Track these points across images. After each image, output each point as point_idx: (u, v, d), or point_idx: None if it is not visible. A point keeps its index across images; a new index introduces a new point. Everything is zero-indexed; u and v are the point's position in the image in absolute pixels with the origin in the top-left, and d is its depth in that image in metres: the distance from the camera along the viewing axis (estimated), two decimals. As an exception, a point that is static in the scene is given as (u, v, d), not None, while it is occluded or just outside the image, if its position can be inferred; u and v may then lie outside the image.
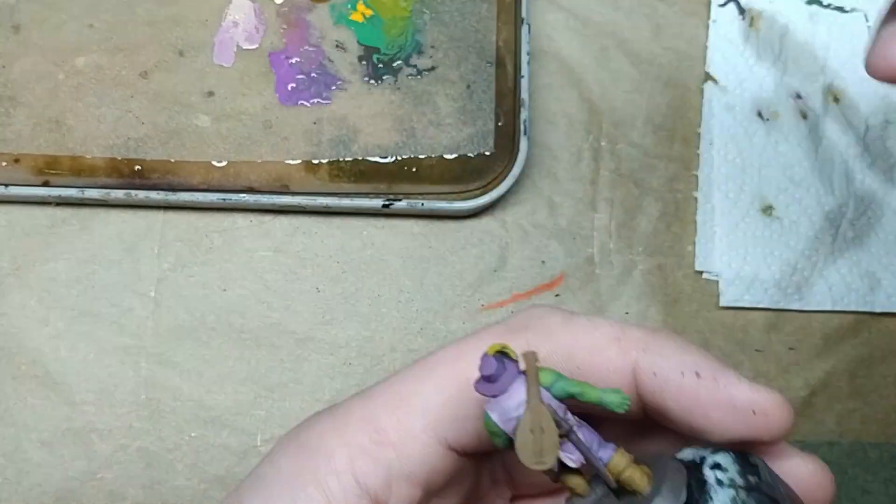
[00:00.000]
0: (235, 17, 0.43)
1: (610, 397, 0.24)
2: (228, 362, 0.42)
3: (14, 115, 0.42)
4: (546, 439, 0.23)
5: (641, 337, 0.27)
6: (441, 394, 0.27)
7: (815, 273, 0.43)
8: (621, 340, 0.27)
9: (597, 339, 0.27)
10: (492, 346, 0.24)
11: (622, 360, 0.27)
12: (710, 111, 0.45)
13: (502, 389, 0.24)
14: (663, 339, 0.27)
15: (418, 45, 0.43)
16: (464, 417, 0.27)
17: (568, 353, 0.27)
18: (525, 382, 0.24)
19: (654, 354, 0.26)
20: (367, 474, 0.26)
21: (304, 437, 0.27)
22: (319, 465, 0.26)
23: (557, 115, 0.44)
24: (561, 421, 0.24)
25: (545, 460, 0.23)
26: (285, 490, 0.26)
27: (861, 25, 0.45)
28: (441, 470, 0.27)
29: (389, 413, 0.27)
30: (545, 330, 0.27)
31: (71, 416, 0.41)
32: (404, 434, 0.27)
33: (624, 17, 0.45)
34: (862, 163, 0.44)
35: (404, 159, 0.42)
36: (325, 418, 0.28)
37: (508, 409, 0.24)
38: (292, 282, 0.42)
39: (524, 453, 0.23)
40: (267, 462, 0.27)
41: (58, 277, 0.42)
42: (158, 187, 0.41)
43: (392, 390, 0.27)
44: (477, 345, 0.27)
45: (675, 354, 0.26)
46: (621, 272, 0.43)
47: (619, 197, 0.44)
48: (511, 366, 0.24)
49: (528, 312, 0.29)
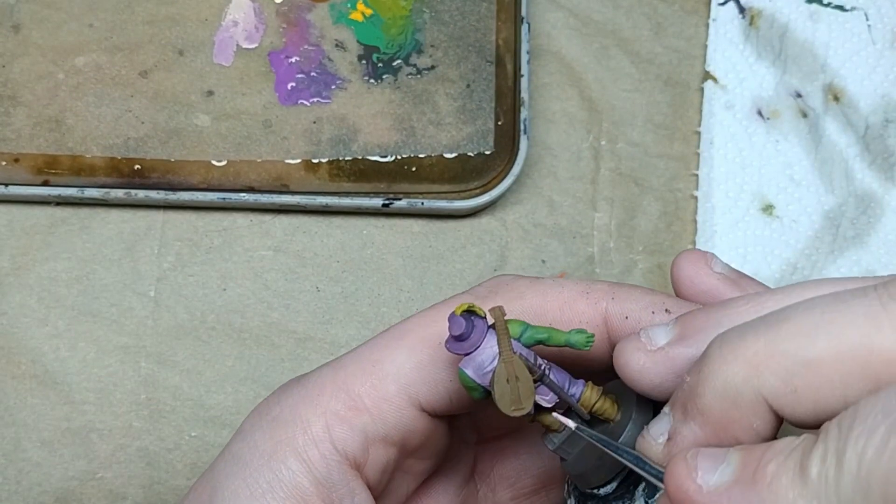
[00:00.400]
0: (235, 17, 0.43)
1: (575, 337, 0.26)
2: (228, 362, 0.42)
3: (14, 114, 0.42)
4: (522, 386, 0.25)
5: (607, 289, 0.28)
6: (413, 358, 0.28)
7: (815, 272, 0.43)
8: (589, 293, 0.28)
9: (566, 296, 0.28)
10: (458, 307, 0.25)
11: (592, 310, 0.28)
12: (710, 110, 0.45)
13: (474, 346, 0.25)
14: (629, 286, 0.29)
15: (418, 45, 0.43)
16: (435, 380, 0.28)
17: (539, 311, 0.28)
18: (495, 336, 0.25)
19: (622, 301, 0.28)
20: (345, 440, 0.27)
21: (275, 411, 0.28)
22: (297, 436, 0.27)
23: (557, 114, 0.44)
24: (533, 367, 0.25)
25: (524, 406, 0.25)
26: (264, 465, 0.27)
27: (861, 24, 0.45)
28: (415, 431, 0.28)
29: (363, 380, 0.28)
30: (514, 293, 0.29)
31: (71, 416, 0.41)
32: (378, 399, 0.27)
33: (624, 16, 0.45)
34: (862, 162, 0.44)
35: (404, 158, 0.42)
36: (295, 390, 0.28)
37: (482, 363, 0.25)
38: (292, 281, 0.42)
39: (503, 402, 0.25)
40: (239, 440, 0.28)
41: (58, 277, 0.42)
42: (158, 187, 0.41)
43: (363, 358, 0.28)
44: (445, 310, 0.28)
45: (643, 297, 0.28)
46: (621, 271, 0.43)
47: (620, 196, 0.44)
48: (480, 322, 0.25)
49: (494, 280, 0.30)
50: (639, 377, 0.25)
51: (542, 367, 0.26)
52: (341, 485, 0.27)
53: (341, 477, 0.27)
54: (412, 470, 0.30)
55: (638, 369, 0.25)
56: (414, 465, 0.30)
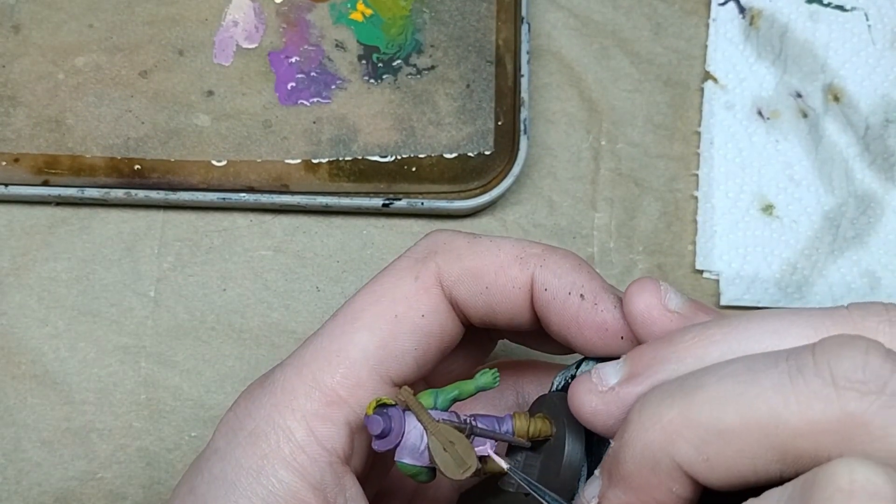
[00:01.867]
0: (235, 17, 0.43)
1: (482, 380, 0.27)
2: (228, 362, 0.42)
3: (14, 114, 0.42)
4: (460, 447, 0.25)
5: (540, 253, 0.29)
6: (374, 337, 0.28)
7: (815, 272, 0.43)
8: (523, 259, 0.29)
9: (501, 259, 0.29)
10: (369, 406, 0.26)
11: (524, 276, 0.29)
12: (710, 110, 0.45)
13: (399, 435, 0.25)
14: (560, 257, 0.29)
15: (418, 45, 0.43)
16: (401, 352, 0.28)
17: (476, 273, 0.29)
18: (413, 416, 0.26)
19: (547, 272, 0.29)
20: (331, 437, 0.27)
21: (250, 424, 0.28)
22: (281, 446, 0.27)
23: (557, 115, 0.44)
24: (460, 425, 0.26)
25: (469, 464, 0.25)
26: (254, 482, 0.26)
27: (861, 24, 0.45)
28: None
29: (331, 372, 0.28)
30: (453, 254, 0.29)
31: (71, 416, 0.41)
32: (353, 387, 0.28)
33: (624, 16, 0.45)
34: (862, 162, 0.44)
35: (404, 158, 0.42)
36: (265, 399, 0.28)
37: (414, 445, 0.25)
38: (292, 281, 0.42)
39: (450, 469, 0.25)
40: (218, 460, 0.27)
41: (58, 277, 0.42)
42: (158, 187, 0.41)
43: (324, 348, 0.28)
44: (390, 281, 0.29)
45: (567, 274, 0.29)
46: (621, 271, 0.43)
47: (619, 196, 0.44)
48: (394, 411, 0.26)
49: (432, 238, 0.31)
50: (593, 419, 0.26)
51: (467, 421, 0.26)
52: (333, 484, 0.27)
53: (332, 476, 0.27)
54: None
55: (591, 412, 0.26)
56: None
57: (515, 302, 0.29)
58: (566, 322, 0.29)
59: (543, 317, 0.29)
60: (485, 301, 0.29)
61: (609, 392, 0.25)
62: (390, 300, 0.29)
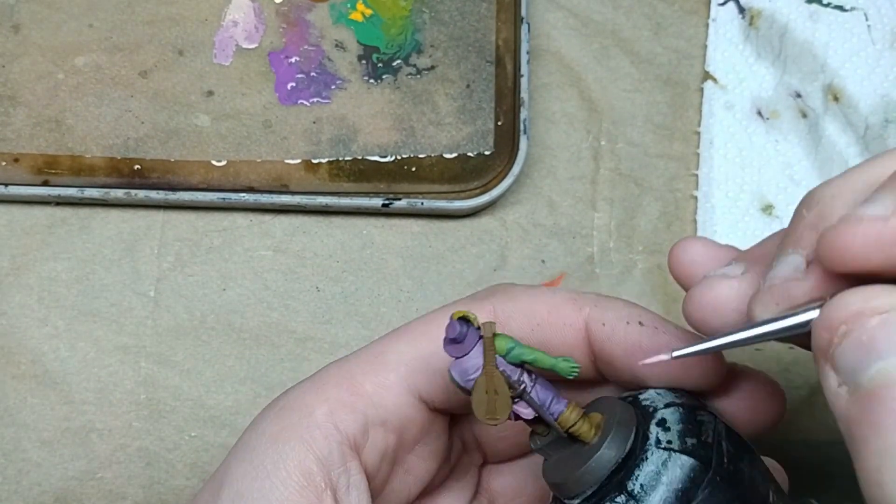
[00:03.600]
0: (235, 17, 0.43)
1: (561, 365, 0.27)
2: (228, 362, 0.42)
3: (14, 114, 0.42)
4: (499, 400, 0.26)
5: (594, 297, 0.30)
6: (413, 350, 0.29)
7: (815, 272, 0.43)
8: (576, 300, 0.30)
9: (555, 300, 0.30)
10: (456, 312, 0.26)
11: (577, 315, 0.29)
12: (710, 110, 0.45)
13: (464, 351, 0.26)
14: (613, 298, 0.30)
15: (418, 45, 0.43)
16: (434, 371, 0.29)
17: (529, 311, 0.30)
18: (483, 348, 0.26)
19: (602, 309, 0.29)
20: (346, 421, 0.28)
21: (283, 401, 0.29)
22: (301, 420, 0.28)
23: (557, 115, 0.44)
24: (514, 383, 0.27)
25: (498, 417, 0.26)
26: (270, 448, 0.28)
27: (861, 24, 0.45)
28: (413, 419, 0.29)
29: (365, 370, 0.29)
30: (508, 295, 0.30)
31: (70, 416, 0.41)
32: (378, 385, 0.29)
33: (624, 16, 0.45)
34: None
35: (404, 158, 0.42)
36: (304, 383, 0.30)
37: (467, 369, 0.26)
38: (292, 281, 0.42)
39: (479, 410, 0.26)
40: (250, 430, 0.29)
41: (57, 277, 0.42)
42: (158, 187, 0.41)
43: (367, 352, 0.30)
44: (446, 311, 0.30)
45: (622, 308, 0.29)
46: (621, 271, 0.43)
47: (619, 196, 0.44)
48: (472, 331, 0.26)
49: (492, 286, 0.32)
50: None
51: (524, 384, 0.27)
52: (339, 463, 0.28)
53: (340, 456, 0.28)
54: (413, 470, 0.31)
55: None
56: (414, 465, 0.31)
57: (568, 342, 0.30)
58: (630, 349, 0.29)
59: (605, 352, 0.29)
60: (537, 339, 0.30)
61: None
62: (439, 325, 0.29)
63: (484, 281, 0.43)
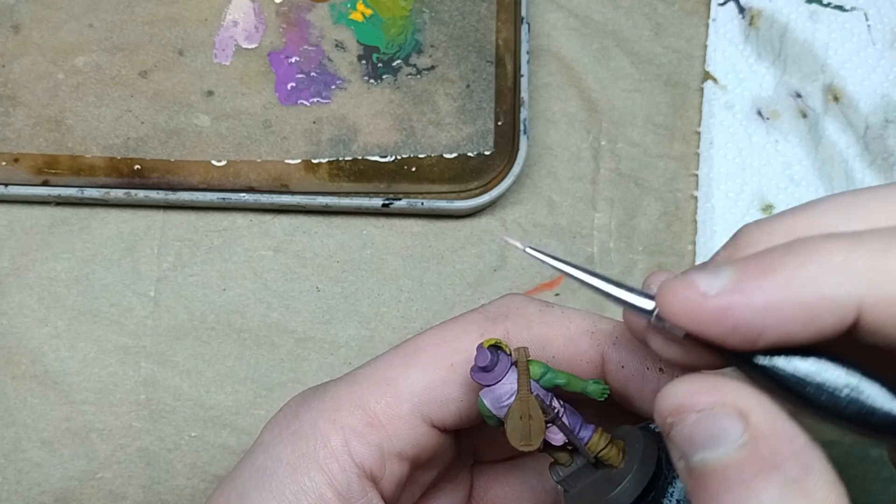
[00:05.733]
0: (235, 17, 0.43)
1: (592, 387, 0.28)
2: (228, 362, 0.42)
3: (14, 114, 0.42)
4: (534, 425, 0.26)
5: (611, 331, 0.29)
6: (425, 377, 0.29)
7: (815, 272, 0.43)
8: (594, 333, 0.29)
9: (571, 331, 0.29)
10: (487, 340, 0.27)
11: (594, 351, 0.29)
12: (710, 110, 0.45)
13: (496, 378, 0.26)
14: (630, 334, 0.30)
15: (418, 45, 0.43)
16: (446, 399, 0.29)
17: (544, 342, 0.29)
18: (516, 373, 0.27)
19: (622, 350, 0.29)
20: (363, 454, 0.28)
21: (295, 424, 0.29)
22: (318, 450, 0.28)
23: (557, 114, 0.44)
24: (547, 408, 0.27)
25: (532, 443, 0.26)
26: (289, 478, 0.28)
27: (861, 24, 0.45)
28: (426, 446, 0.29)
29: (378, 397, 0.29)
30: (523, 320, 0.30)
31: (71, 416, 0.41)
32: (393, 417, 0.29)
33: (624, 16, 0.45)
34: (862, 162, 0.44)
35: (404, 158, 0.42)
36: (314, 405, 0.29)
37: (500, 396, 0.26)
38: (292, 281, 0.42)
39: (514, 437, 0.26)
40: (261, 452, 0.29)
41: (57, 277, 0.42)
42: (158, 187, 0.41)
43: (378, 375, 0.29)
44: (457, 330, 0.29)
45: (642, 350, 0.29)
46: (621, 271, 0.43)
47: (619, 196, 0.44)
48: (504, 358, 0.27)
49: (505, 301, 0.31)
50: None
51: (556, 409, 0.27)
52: (360, 496, 0.28)
53: (360, 489, 0.28)
54: (419, 481, 0.31)
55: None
56: (421, 476, 0.31)
57: (584, 374, 0.29)
58: (649, 397, 0.28)
59: (623, 394, 0.29)
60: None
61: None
62: (451, 348, 0.29)
63: (484, 281, 0.43)
